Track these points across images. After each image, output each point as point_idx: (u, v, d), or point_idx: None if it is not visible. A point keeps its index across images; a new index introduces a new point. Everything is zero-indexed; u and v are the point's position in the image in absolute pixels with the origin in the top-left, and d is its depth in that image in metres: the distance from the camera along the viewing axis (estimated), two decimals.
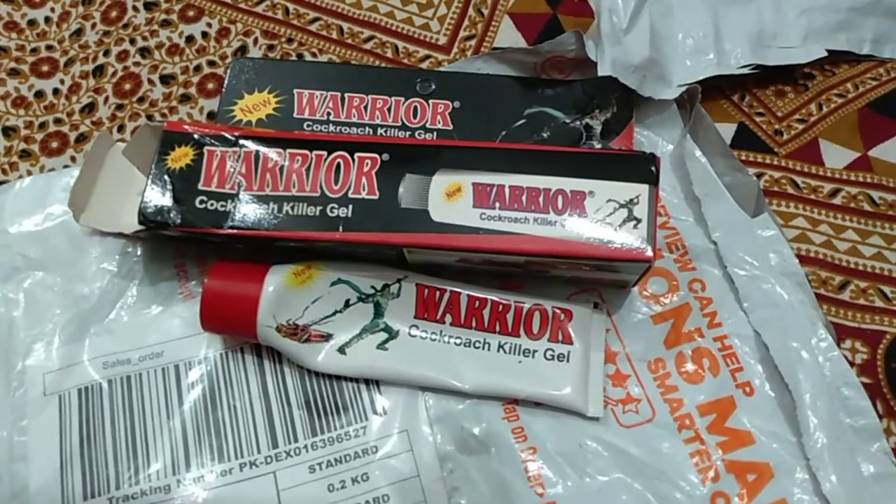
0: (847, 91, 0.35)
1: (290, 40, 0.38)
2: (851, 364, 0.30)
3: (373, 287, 0.29)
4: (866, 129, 0.34)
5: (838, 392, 0.29)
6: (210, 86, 0.37)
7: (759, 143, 0.34)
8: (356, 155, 0.28)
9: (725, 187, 0.32)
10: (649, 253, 0.26)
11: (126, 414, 0.29)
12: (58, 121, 0.36)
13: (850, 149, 0.34)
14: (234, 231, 0.27)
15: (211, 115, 0.36)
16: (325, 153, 0.28)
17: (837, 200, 0.33)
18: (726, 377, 0.29)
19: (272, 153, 0.28)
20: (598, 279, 0.30)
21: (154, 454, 0.28)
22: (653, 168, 0.26)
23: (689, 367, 0.29)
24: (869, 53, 0.36)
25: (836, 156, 0.34)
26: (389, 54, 0.37)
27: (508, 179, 0.27)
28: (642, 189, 0.26)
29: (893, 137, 0.34)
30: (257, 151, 0.28)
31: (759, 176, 0.34)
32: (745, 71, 0.34)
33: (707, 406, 0.29)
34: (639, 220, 0.26)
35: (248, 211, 0.27)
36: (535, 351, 0.29)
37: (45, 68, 0.38)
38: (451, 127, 0.33)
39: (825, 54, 0.34)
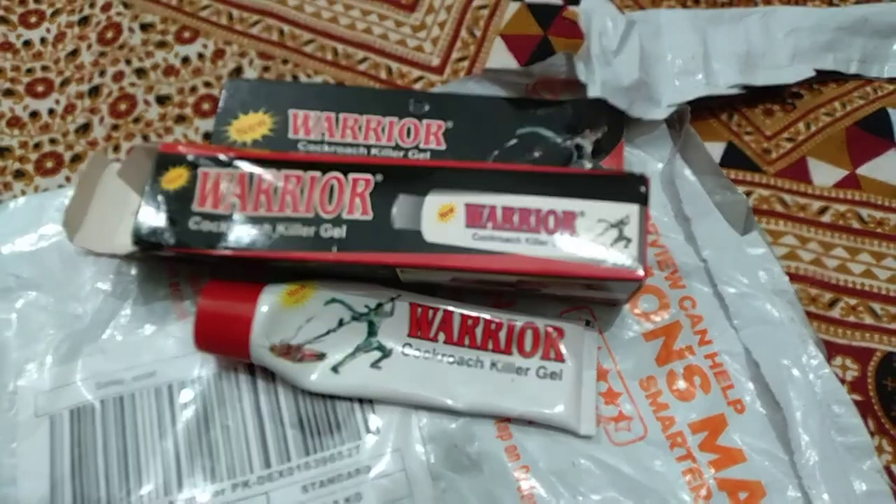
0: (835, 110, 0.36)
1: (285, 61, 0.38)
2: (842, 381, 0.30)
3: (366, 306, 0.29)
4: (854, 148, 0.35)
5: (829, 409, 0.29)
6: (205, 106, 0.37)
7: (747, 161, 0.35)
8: (350, 176, 0.28)
9: (715, 206, 0.32)
10: (640, 272, 0.26)
11: (119, 434, 0.29)
12: (53, 141, 0.37)
13: (838, 167, 0.35)
14: (229, 252, 0.27)
15: (207, 136, 0.36)
16: (319, 174, 0.28)
17: (826, 218, 0.34)
18: (717, 395, 0.29)
19: (267, 174, 0.28)
20: (589, 297, 0.30)
21: (147, 475, 0.28)
22: (642, 188, 0.27)
23: (681, 384, 0.30)
24: (856, 73, 0.36)
25: (825, 174, 0.34)
26: (383, 75, 0.38)
27: (501, 200, 0.27)
28: (632, 209, 0.27)
29: (881, 155, 0.35)
30: (252, 172, 0.28)
31: (748, 194, 0.34)
32: (734, 91, 0.34)
33: (699, 424, 0.29)
34: (629, 240, 0.26)
35: (242, 232, 0.27)
36: (527, 369, 0.29)
37: (40, 88, 0.38)
38: (444, 147, 0.33)
39: (813, 74, 0.35)
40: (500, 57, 0.38)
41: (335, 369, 0.29)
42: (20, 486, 0.28)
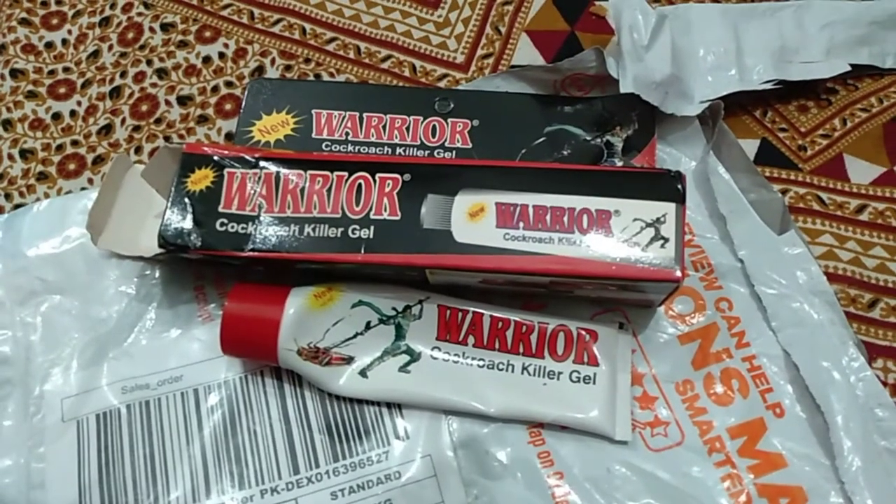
0: (871, 105, 0.35)
1: (307, 60, 0.38)
2: (884, 384, 0.29)
3: (394, 308, 0.29)
4: (892, 144, 0.34)
5: (872, 413, 0.28)
6: (227, 106, 0.37)
7: (782, 158, 0.34)
8: (377, 175, 0.27)
9: (750, 204, 0.31)
10: (678, 273, 0.25)
11: (145, 439, 0.28)
12: (75, 143, 0.36)
13: (875, 164, 0.34)
14: (255, 253, 0.27)
15: (229, 136, 0.36)
16: (346, 174, 0.27)
17: (864, 216, 0.33)
18: (756, 398, 0.29)
19: (293, 174, 0.28)
20: (623, 299, 0.29)
21: (174, 481, 0.28)
22: (679, 186, 0.26)
23: (718, 388, 0.29)
24: (892, 67, 0.35)
25: (862, 171, 0.34)
26: (407, 73, 0.37)
27: (532, 199, 0.26)
28: (669, 207, 0.26)
29: None
30: (278, 173, 0.28)
31: (783, 192, 0.33)
32: (768, 86, 0.34)
33: (737, 428, 0.28)
34: (666, 240, 0.26)
35: (268, 233, 0.27)
36: (560, 373, 0.28)
37: (62, 90, 0.38)
38: (470, 145, 0.32)
39: (848, 68, 0.34)
40: (525, 53, 0.37)
41: (363, 373, 0.28)
42: (48, 490, 0.28)
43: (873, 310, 0.31)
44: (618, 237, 0.26)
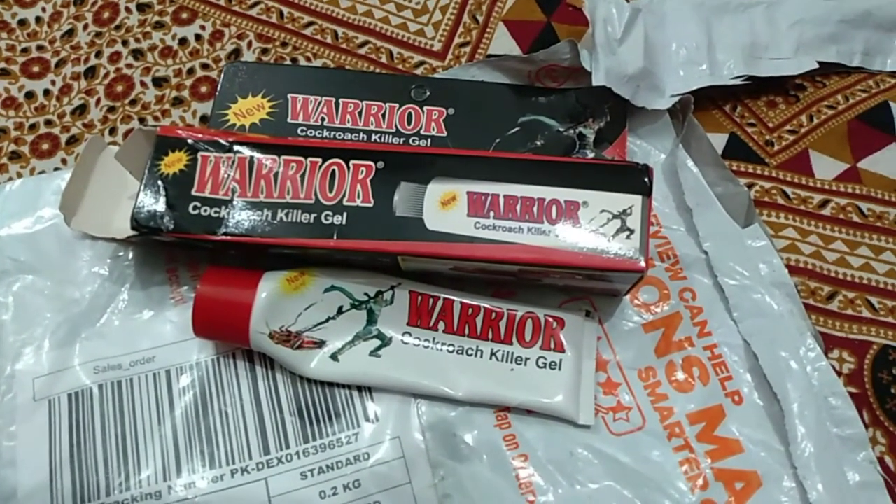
0: (837, 103, 0.36)
1: (284, 44, 0.38)
2: (839, 374, 0.30)
3: (366, 294, 0.29)
4: (856, 141, 0.35)
5: (826, 402, 0.29)
6: (203, 89, 0.37)
7: (750, 153, 0.35)
8: (351, 162, 0.28)
9: (717, 197, 0.32)
10: (642, 264, 0.26)
11: (117, 419, 0.29)
12: (48, 122, 0.36)
13: (839, 160, 0.35)
14: (228, 237, 0.27)
15: (204, 119, 0.36)
16: (319, 160, 0.28)
17: (827, 211, 0.34)
18: (716, 386, 0.30)
19: (267, 159, 0.28)
20: (590, 288, 0.30)
21: (145, 460, 0.28)
22: (646, 179, 0.27)
23: (680, 375, 0.30)
24: (859, 66, 0.36)
25: (826, 167, 0.34)
26: (384, 60, 0.37)
27: (503, 188, 0.27)
28: (635, 200, 0.27)
29: (882, 149, 0.35)
30: (252, 157, 0.28)
31: (749, 186, 0.34)
32: (738, 82, 0.34)
33: (696, 414, 0.29)
34: (632, 231, 0.26)
35: (241, 217, 0.27)
36: (527, 359, 0.29)
37: (35, 69, 0.37)
38: (445, 134, 0.33)
39: (816, 66, 0.35)
40: (502, 43, 0.37)
41: (334, 357, 0.29)
42: (19, 468, 0.28)
43: (832, 302, 0.32)
44: (585, 227, 0.26)
